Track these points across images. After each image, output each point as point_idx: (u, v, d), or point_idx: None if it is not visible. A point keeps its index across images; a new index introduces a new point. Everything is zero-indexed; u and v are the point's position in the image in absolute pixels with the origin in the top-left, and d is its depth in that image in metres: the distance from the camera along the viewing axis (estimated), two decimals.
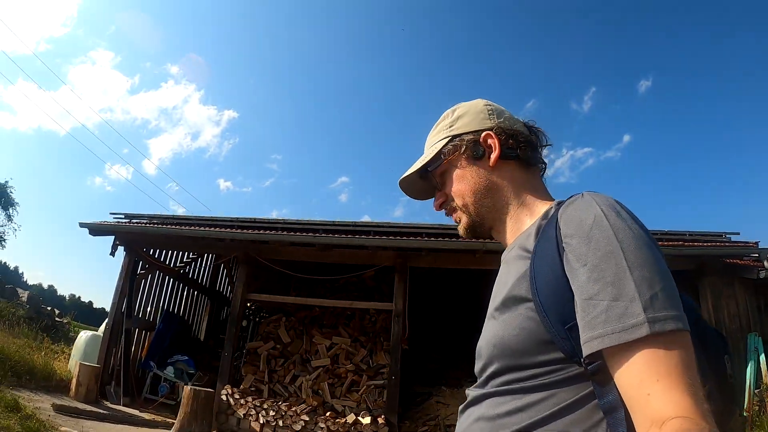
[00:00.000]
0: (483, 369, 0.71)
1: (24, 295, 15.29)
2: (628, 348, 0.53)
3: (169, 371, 7.80)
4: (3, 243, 25.62)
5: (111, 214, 8.31)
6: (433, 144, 0.86)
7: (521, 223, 0.78)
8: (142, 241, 8.08)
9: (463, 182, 0.82)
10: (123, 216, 8.36)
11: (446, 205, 0.86)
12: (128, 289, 7.89)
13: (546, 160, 0.85)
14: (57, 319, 15.63)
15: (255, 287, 7.64)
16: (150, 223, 8.13)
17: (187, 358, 8.11)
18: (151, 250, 8.53)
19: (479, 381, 0.72)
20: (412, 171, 0.87)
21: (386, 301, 6.90)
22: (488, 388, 0.69)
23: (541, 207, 0.76)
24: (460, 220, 0.84)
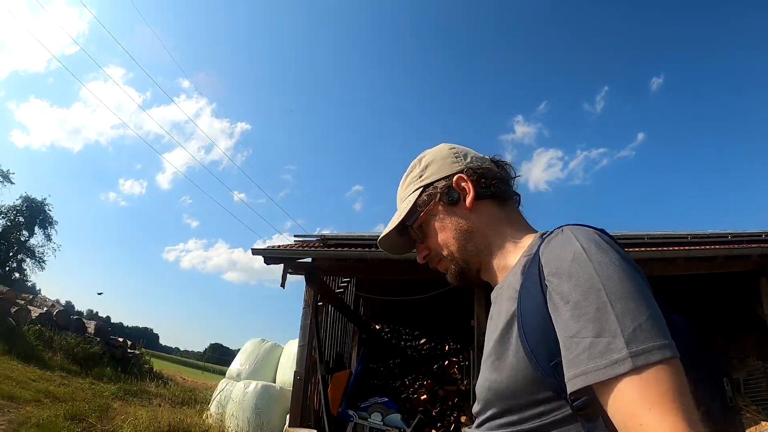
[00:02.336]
0: (479, 412, 0.72)
1: (90, 325, 13.55)
2: (615, 382, 0.52)
3: (376, 419, 6.36)
4: (43, 264, 23.91)
5: (295, 237, 6.82)
6: (405, 198, 0.85)
7: (507, 260, 0.77)
8: (325, 267, 6.66)
9: (444, 231, 0.81)
10: (301, 239, 6.91)
11: (430, 257, 0.85)
12: (314, 326, 6.46)
13: (519, 192, 0.85)
14: (129, 351, 13.91)
15: None
16: (339, 246, 6.72)
17: (386, 399, 6.72)
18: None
19: (476, 422, 0.73)
20: (390, 229, 0.86)
21: None
22: (483, 431, 0.70)
23: (525, 240, 0.76)
24: (447, 270, 0.84)
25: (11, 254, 23.07)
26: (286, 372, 7.91)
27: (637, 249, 5.92)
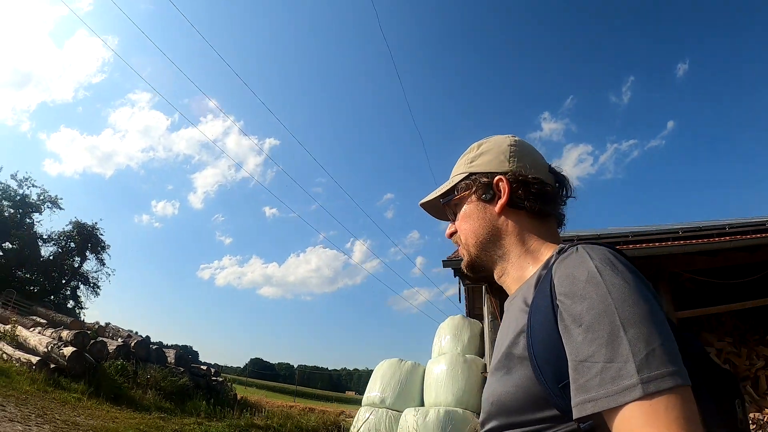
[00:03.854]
0: (483, 423, 0.72)
1: (170, 354, 12.11)
2: (624, 408, 0.51)
3: None
4: (98, 290, 23.01)
5: None
6: (453, 175, 0.88)
7: (524, 271, 0.76)
8: None
9: (468, 221, 0.83)
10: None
11: (455, 237, 0.87)
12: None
13: (564, 213, 0.83)
14: (213, 378, 12.44)
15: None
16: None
17: None
18: None
19: None
20: (430, 198, 0.91)
21: None
22: None
23: (546, 254, 0.75)
24: (462, 256, 0.86)
25: (64, 281, 22.12)
26: (437, 394, 6.84)
27: (674, 243, 5.72)
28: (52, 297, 22.43)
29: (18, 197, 20.51)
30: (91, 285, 22.98)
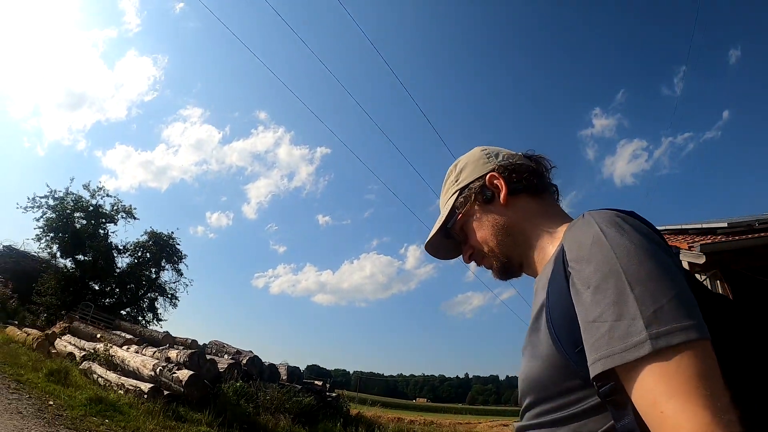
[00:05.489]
0: (520, 402, 0.72)
1: (282, 370, 10.25)
2: (635, 367, 0.51)
3: None
4: (176, 301, 21.93)
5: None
6: (445, 203, 0.89)
7: (545, 251, 0.77)
8: None
9: (482, 229, 0.83)
10: None
11: (475, 256, 0.87)
12: None
13: (555, 183, 0.85)
14: (328, 394, 10.50)
15: None
16: None
17: None
18: None
19: (519, 412, 0.73)
20: (433, 234, 0.90)
21: None
22: (524, 422, 0.69)
23: (560, 231, 0.76)
24: (491, 267, 0.85)
25: (140, 293, 21.09)
26: None
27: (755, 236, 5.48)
28: (128, 310, 21.55)
29: (91, 208, 19.68)
30: (169, 296, 21.93)
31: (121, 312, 20.72)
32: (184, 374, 7.11)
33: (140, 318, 21.42)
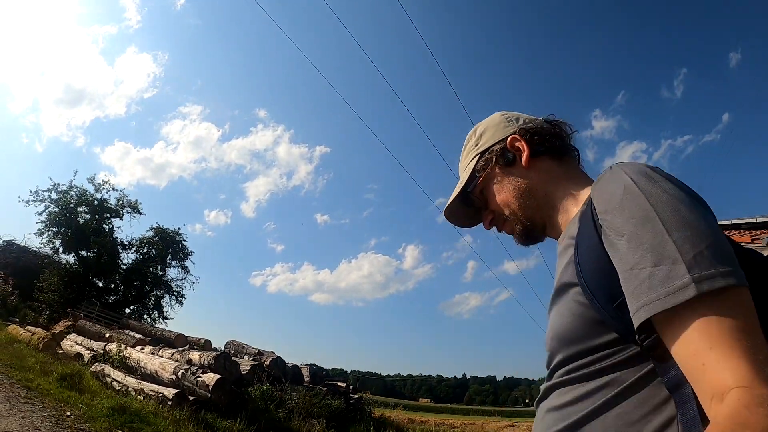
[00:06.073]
0: (548, 362, 0.70)
1: (304, 370, 9.67)
2: (676, 314, 0.50)
3: None
4: (182, 299, 21.25)
5: None
6: (465, 167, 0.88)
7: (569, 213, 0.76)
8: None
9: (503, 192, 0.82)
10: None
11: (496, 220, 0.86)
12: None
13: (577, 147, 0.84)
14: (351, 395, 9.92)
15: None
16: None
17: None
18: None
19: (547, 374, 0.72)
20: (453, 198, 0.88)
21: None
22: (554, 380, 0.68)
23: (585, 193, 0.75)
24: (512, 231, 0.84)
25: (145, 290, 20.44)
26: None
27: None
28: (133, 308, 20.90)
29: (96, 202, 18.97)
30: (175, 294, 21.26)
31: (126, 310, 20.09)
32: (210, 378, 6.52)
33: (145, 316, 20.81)
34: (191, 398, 6.35)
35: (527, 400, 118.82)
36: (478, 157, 0.84)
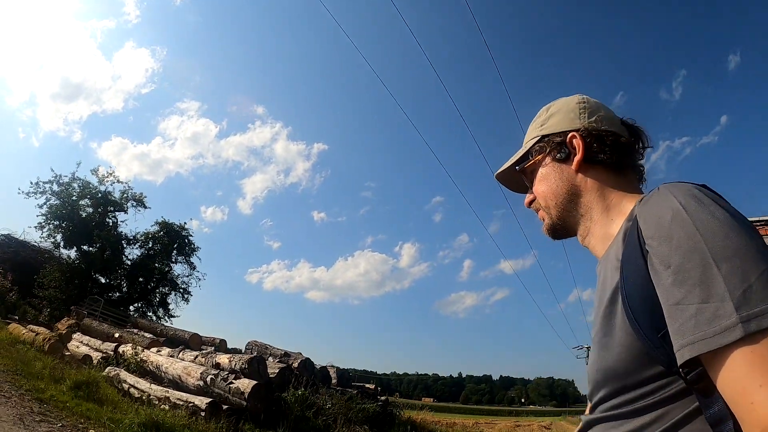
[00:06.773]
0: (591, 394, 0.69)
1: (332, 371, 9.03)
2: (724, 352, 0.48)
3: None
4: (188, 297, 20.53)
5: None
6: (526, 142, 0.85)
7: (609, 228, 0.73)
8: None
9: (545, 183, 0.80)
10: None
11: (534, 204, 0.85)
12: None
13: (644, 166, 0.80)
14: (379, 397, 9.30)
15: None
16: None
17: None
18: None
19: (590, 406, 0.70)
20: (506, 167, 0.88)
21: None
22: (597, 414, 0.66)
23: (629, 206, 0.71)
24: (543, 220, 0.83)
25: (150, 286, 19.69)
26: None
27: None
28: (138, 305, 20.15)
29: (99, 195, 18.18)
30: (181, 291, 20.54)
31: (130, 307, 19.36)
32: (245, 384, 5.87)
33: (150, 314, 20.07)
34: (225, 407, 5.71)
35: (523, 399, 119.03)
36: (538, 138, 0.81)
